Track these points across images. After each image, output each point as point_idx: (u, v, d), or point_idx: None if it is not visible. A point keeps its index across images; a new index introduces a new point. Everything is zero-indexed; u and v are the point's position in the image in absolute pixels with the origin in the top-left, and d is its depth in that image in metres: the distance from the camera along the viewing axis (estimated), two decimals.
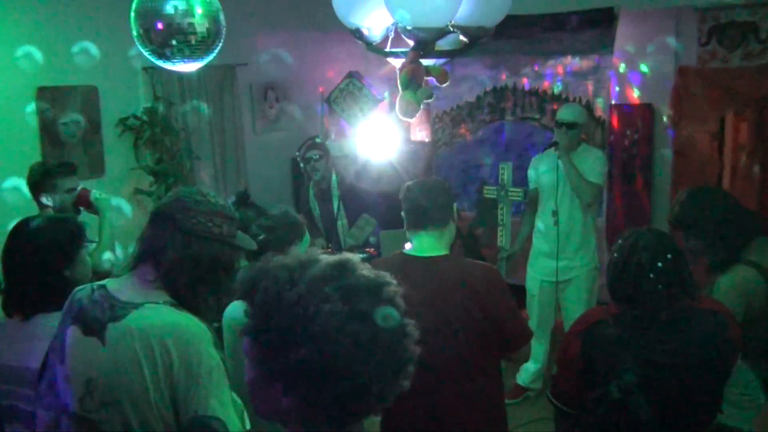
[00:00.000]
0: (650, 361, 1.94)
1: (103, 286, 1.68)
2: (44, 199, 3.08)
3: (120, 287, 1.67)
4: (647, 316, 1.98)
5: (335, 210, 4.31)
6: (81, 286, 1.72)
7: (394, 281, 1.12)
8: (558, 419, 2.20)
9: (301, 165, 4.39)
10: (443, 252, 2.32)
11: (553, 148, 3.94)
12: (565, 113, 3.98)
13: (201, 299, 1.70)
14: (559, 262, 3.98)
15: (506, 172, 4.21)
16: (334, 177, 4.35)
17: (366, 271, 1.11)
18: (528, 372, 4.22)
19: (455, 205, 2.40)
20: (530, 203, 4.22)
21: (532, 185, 4.18)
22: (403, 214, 2.39)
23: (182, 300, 1.67)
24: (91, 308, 1.63)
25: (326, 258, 1.12)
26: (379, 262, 2.43)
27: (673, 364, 1.94)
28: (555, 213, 3.98)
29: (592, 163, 3.94)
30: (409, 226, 2.37)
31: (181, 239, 1.66)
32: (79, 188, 3.18)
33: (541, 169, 4.09)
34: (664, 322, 1.97)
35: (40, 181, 3.11)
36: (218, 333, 1.84)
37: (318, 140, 4.64)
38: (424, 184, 2.41)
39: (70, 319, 1.65)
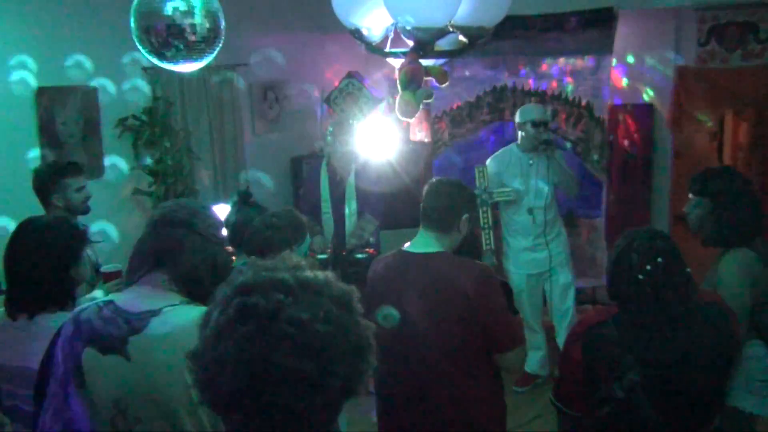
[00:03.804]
0: (651, 360, 1.94)
1: (111, 302, 1.63)
2: (56, 201, 3.07)
3: (129, 300, 1.64)
4: (646, 316, 1.98)
5: (346, 204, 4.34)
6: (83, 306, 1.66)
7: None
8: (561, 421, 2.21)
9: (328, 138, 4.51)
10: (438, 249, 2.30)
11: (548, 147, 4.06)
12: (540, 113, 4.17)
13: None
14: (541, 253, 4.16)
15: (484, 174, 4.21)
16: (353, 171, 4.38)
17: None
18: (533, 360, 4.30)
19: (465, 216, 2.34)
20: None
21: (493, 183, 4.20)
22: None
23: (196, 299, 1.67)
24: (104, 326, 1.58)
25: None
26: (380, 260, 2.46)
27: (675, 362, 1.94)
28: (531, 210, 4.16)
29: (560, 158, 4.16)
30: (420, 221, 2.39)
31: (201, 242, 1.68)
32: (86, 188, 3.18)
33: (509, 170, 4.20)
34: (663, 321, 1.97)
35: (49, 182, 3.08)
36: None
37: (348, 122, 4.68)
38: (440, 183, 2.41)
39: (81, 342, 1.59)
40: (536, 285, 4.29)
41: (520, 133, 4.21)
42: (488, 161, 4.30)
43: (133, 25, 2.56)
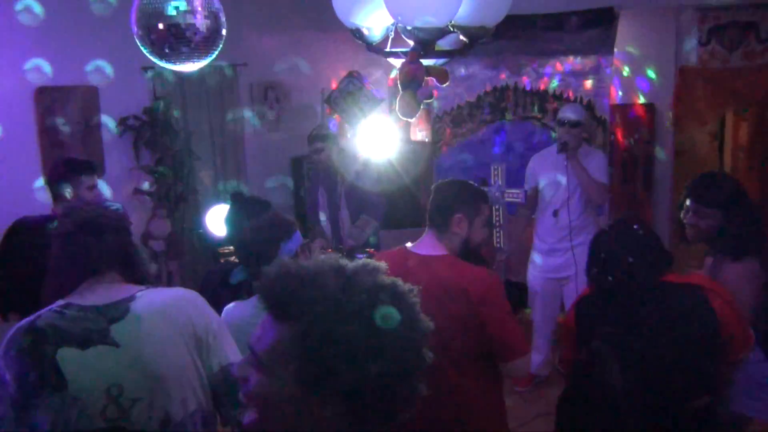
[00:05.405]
0: (619, 331, 2.01)
1: (68, 303, 1.60)
2: (64, 191, 3.10)
3: (90, 297, 1.62)
4: (624, 289, 2.10)
5: (337, 203, 4.34)
6: (32, 316, 1.57)
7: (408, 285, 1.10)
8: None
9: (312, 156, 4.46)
10: (442, 252, 2.28)
11: (562, 148, 3.94)
12: (569, 112, 4.02)
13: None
14: (560, 258, 4.04)
15: (499, 173, 4.20)
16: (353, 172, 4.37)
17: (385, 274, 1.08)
18: (535, 362, 4.26)
19: (458, 215, 2.28)
20: (529, 201, 4.23)
21: (531, 183, 4.19)
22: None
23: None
24: (75, 324, 1.55)
25: (359, 263, 1.07)
26: (382, 256, 2.41)
27: (643, 335, 1.99)
28: (556, 212, 4.03)
29: (598, 163, 3.99)
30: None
31: (136, 245, 1.77)
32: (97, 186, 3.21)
33: (544, 169, 4.11)
34: (639, 295, 2.07)
35: (64, 174, 3.13)
36: None
37: (324, 131, 4.63)
38: (440, 183, 2.41)
39: (50, 346, 1.52)
40: (553, 290, 4.15)
41: None
42: (532, 158, 4.27)
43: (133, 24, 2.56)
